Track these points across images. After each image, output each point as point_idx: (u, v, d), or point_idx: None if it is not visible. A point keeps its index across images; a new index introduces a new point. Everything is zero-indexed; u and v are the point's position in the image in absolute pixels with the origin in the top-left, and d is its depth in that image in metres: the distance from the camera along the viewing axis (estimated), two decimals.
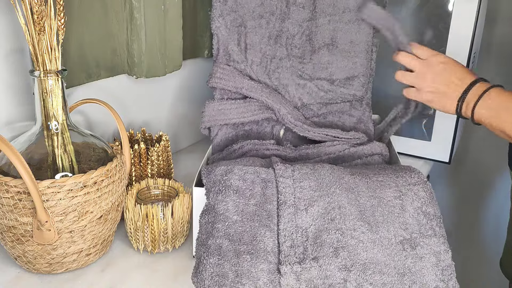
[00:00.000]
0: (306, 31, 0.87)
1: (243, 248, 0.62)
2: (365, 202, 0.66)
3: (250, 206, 0.65)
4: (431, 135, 1.03)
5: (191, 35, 1.01)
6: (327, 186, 0.67)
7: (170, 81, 1.01)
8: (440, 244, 0.62)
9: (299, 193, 0.66)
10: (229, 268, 0.61)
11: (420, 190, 0.67)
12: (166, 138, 0.85)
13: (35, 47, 0.59)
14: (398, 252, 0.62)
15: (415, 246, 0.62)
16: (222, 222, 0.64)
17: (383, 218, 0.64)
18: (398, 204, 0.66)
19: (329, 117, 0.89)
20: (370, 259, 0.61)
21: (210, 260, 0.62)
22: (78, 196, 0.60)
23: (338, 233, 0.63)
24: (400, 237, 0.63)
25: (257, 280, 0.60)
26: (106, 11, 0.79)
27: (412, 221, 0.65)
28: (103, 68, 0.82)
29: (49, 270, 0.64)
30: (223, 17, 0.86)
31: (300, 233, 0.63)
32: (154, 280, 0.64)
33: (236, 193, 0.66)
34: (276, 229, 0.64)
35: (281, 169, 0.68)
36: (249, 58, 0.87)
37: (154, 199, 0.76)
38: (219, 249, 0.62)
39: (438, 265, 0.61)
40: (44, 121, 0.62)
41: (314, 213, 0.64)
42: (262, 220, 0.64)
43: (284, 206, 0.65)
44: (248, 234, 0.63)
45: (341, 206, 0.65)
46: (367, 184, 0.68)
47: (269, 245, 0.62)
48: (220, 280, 0.60)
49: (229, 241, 0.63)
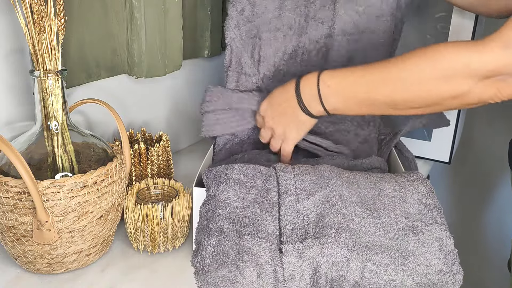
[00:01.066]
0: (323, 49, 0.85)
1: (245, 230, 0.62)
2: (365, 193, 0.67)
3: (251, 195, 0.66)
4: (431, 135, 1.03)
5: (191, 35, 1.01)
6: (328, 179, 0.68)
7: (170, 81, 1.01)
8: (442, 231, 0.62)
9: (300, 185, 0.67)
10: (230, 246, 0.61)
11: (420, 185, 0.68)
12: (166, 138, 0.85)
13: (35, 47, 0.59)
14: (400, 237, 0.61)
15: (417, 233, 0.62)
16: (223, 208, 0.64)
17: (384, 206, 0.65)
18: (398, 195, 0.66)
19: (336, 135, 0.87)
20: (372, 242, 0.61)
21: (211, 240, 0.61)
22: (78, 196, 0.60)
23: (340, 216, 0.63)
24: (401, 224, 0.63)
25: (259, 258, 0.60)
26: (106, 11, 0.79)
27: (413, 211, 0.65)
28: (103, 68, 0.82)
29: (49, 270, 0.64)
30: (238, 27, 0.84)
31: (301, 217, 0.63)
32: (154, 280, 0.64)
33: (237, 184, 0.67)
34: (277, 216, 0.64)
35: (281, 166, 0.70)
36: (262, 71, 0.86)
37: (154, 199, 0.76)
38: (220, 230, 0.62)
39: (441, 250, 0.60)
40: (44, 121, 0.62)
41: (315, 201, 0.65)
42: (263, 207, 0.65)
43: (285, 195, 0.65)
44: (249, 218, 0.64)
45: (342, 195, 0.66)
46: (367, 179, 0.69)
47: (271, 228, 0.63)
48: (221, 258, 0.60)
49: (230, 224, 0.63)
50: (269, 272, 0.59)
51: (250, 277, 0.59)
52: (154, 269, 0.66)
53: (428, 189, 0.67)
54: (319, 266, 0.59)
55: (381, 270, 0.59)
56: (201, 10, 1.02)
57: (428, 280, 0.59)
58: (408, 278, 0.59)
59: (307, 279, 0.60)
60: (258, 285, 0.60)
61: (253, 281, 0.59)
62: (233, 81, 0.87)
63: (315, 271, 0.60)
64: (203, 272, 0.60)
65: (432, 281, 0.59)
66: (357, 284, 0.59)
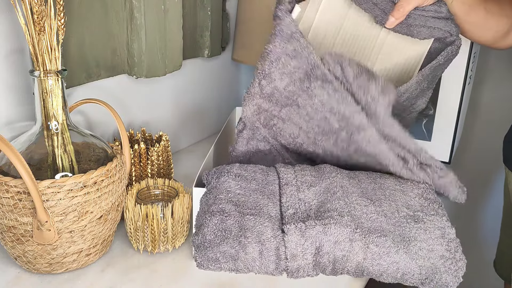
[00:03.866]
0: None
1: (247, 211, 0.62)
2: (366, 186, 0.67)
3: (252, 185, 0.67)
4: (431, 135, 1.03)
5: (191, 35, 1.01)
6: (328, 173, 0.68)
7: (170, 81, 1.01)
8: (444, 222, 0.62)
9: (300, 178, 0.67)
10: (232, 224, 0.61)
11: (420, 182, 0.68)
12: (166, 138, 0.85)
13: (35, 47, 0.59)
14: (402, 224, 0.61)
15: (419, 221, 0.62)
16: (224, 194, 0.65)
17: (385, 197, 0.65)
18: (399, 189, 0.67)
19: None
20: (375, 226, 0.61)
21: (213, 220, 0.61)
22: (78, 196, 0.60)
23: (342, 202, 0.63)
24: (403, 213, 0.63)
25: (261, 235, 0.59)
26: (106, 11, 0.79)
27: (414, 203, 0.65)
28: (103, 68, 0.82)
29: (49, 270, 0.64)
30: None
31: (302, 204, 0.63)
32: (154, 280, 0.64)
33: (237, 176, 0.67)
34: (278, 203, 0.64)
35: (282, 164, 0.71)
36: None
37: (154, 199, 0.76)
38: (222, 210, 0.62)
39: (444, 237, 0.60)
40: (44, 121, 0.62)
41: (316, 191, 0.65)
42: (264, 194, 0.65)
43: (286, 186, 0.66)
44: (251, 203, 0.64)
45: (343, 186, 0.66)
46: (367, 175, 0.70)
47: (273, 212, 0.63)
48: (223, 234, 0.60)
49: (233, 205, 0.63)
50: (271, 249, 0.59)
51: (252, 253, 0.59)
52: (154, 269, 0.66)
53: (428, 186, 0.68)
54: (321, 245, 0.59)
55: (383, 251, 0.59)
56: (201, 10, 1.02)
57: (431, 264, 0.58)
58: (411, 261, 0.58)
59: (309, 258, 0.59)
60: (260, 262, 0.59)
61: (254, 258, 0.59)
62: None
63: (317, 250, 0.59)
64: (204, 248, 0.60)
65: (435, 265, 0.58)
66: (360, 265, 0.59)
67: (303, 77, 0.68)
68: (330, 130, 0.70)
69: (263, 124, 0.75)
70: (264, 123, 0.75)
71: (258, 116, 0.74)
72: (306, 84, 0.68)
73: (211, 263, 0.59)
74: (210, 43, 1.06)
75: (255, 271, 0.60)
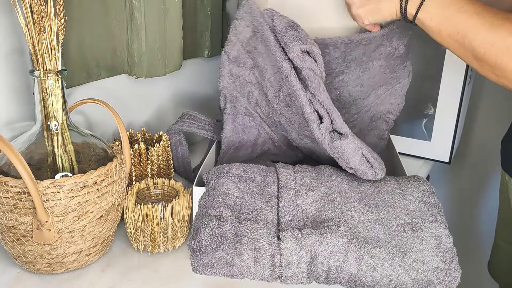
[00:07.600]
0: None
1: (244, 216, 0.63)
2: (365, 189, 0.67)
3: (251, 188, 0.67)
4: (431, 135, 1.03)
5: (191, 35, 1.01)
6: (328, 175, 0.68)
7: (170, 81, 1.01)
8: (441, 229, 0.62)
9: (299, 180, 0.68)
10: (229, 230, 0.61)
11: (420, 185, 0.69)
12: (166, 138, 0.85)
13: (35, 47, 0.59)
14: (399, 233, 0.61)
15: (416, 230, 0.62)
16: (222, 196, 0.65)
17: (384, 203, 0.65)
18: (398, 193, 0.67)
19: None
20: (371, 236, 0.61)
21: (210, 224, 0.62)
22: (78, 196, 0.60)
23: (338, 211, 0.63)
24: (401, 220, 0.63)
25: (257, 242, 0.60)
26: (106, 11, 0.79)
27: (413, 208, 0.65)
28: (103, 68, 0.82)
29: (49, 270, 0.64)
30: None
31: (300, 211, 0.64)
32: (154, 280, 0.64)
33: (237, 178, 0.68)
34: (276, 207, 0.64)
35: (282, 164, 0.71)
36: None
37: (154, 199, 0.76)
38: (219, 215, 0.63)
39: (440, 248, 0.60)
40: (44, 121, 0.62)
41: (315, 196, 0.65)
42: (262, 198, 0.65)
43: (285, 189, 0.66)
44: (248, 207, 0.64)
45: (342, 190, 0.66)
46: None
47: (269, 217, 0.63)
48: (219, 240, 0.60)
49: (230, 210, 0.63)
50: (266, 256, 0.59)
51: (247, 260, 0.59)
52: (154, 269, 0.66)
53: (429, 189, 0.68)
54: (316, 255, 0.59)
55: (378, 264, 0.59)
56: (201, 10, 1.02)
57: (424, 277, 0.59)
58: (405, 274, 0.59)
59: (303, 267, 0.59)
60: (255, 269, 0.60)
61: (249, 265, 0.59)
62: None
63: (312, 259, 0.59)
64: (200, 253, 0.60)
65: (428, 278, 0.59)
66: (353, 276, 0.59)
67: (252, 35, 0.74)
68: (287, 95, 0.74)
69: (240, 93, 0.79)
70: (241, 92, 0.79)
71: (234, 84, 0.79)
72: (255, 42, 0.74)
73: (207, 268, 0.60)
74: (210, 43, 1.06)
75: (250, 278, 0.61)
